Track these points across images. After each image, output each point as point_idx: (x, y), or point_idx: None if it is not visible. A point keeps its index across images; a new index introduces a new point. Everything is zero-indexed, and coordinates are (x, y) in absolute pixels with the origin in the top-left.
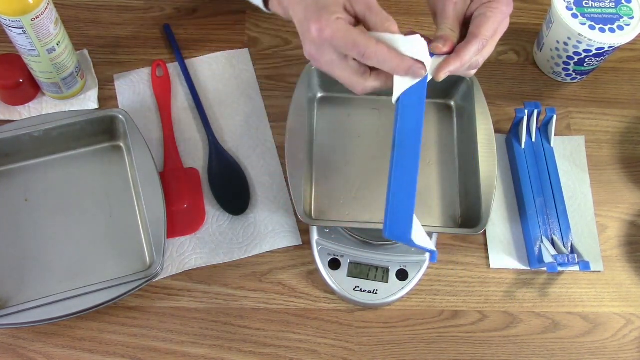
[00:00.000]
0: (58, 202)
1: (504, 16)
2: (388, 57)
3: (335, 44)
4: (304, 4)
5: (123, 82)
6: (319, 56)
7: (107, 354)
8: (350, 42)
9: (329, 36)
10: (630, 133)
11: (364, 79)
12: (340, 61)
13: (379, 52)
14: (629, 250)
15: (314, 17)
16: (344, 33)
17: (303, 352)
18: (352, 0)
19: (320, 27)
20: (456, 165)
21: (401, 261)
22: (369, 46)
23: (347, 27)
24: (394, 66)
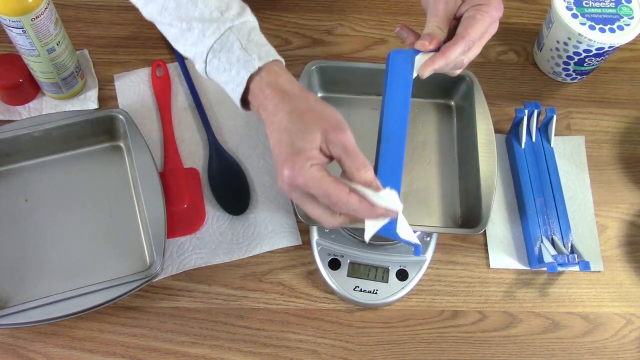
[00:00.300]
0: (58, 202)
1: (492, 20)
2: (358, 207)
3: (307, 191)
4: (278, 136)
5: (123, 82)
6: (291, 194)
7: (107, 354)
8: (322, 192)
9: (302, 184)
10: (630, 133)
11: (334, 218)
12: (312, 202)
13: (350, 203)
14: (629, 250)
15: (287, 161)
16: (317, 182)
17: (303, 352)
18: (328, 142)
19: (293, 174)
20: (456, 165)
21: (401, 261)
22: (340, 197)
23: (321, 175)
24: (364, 215)
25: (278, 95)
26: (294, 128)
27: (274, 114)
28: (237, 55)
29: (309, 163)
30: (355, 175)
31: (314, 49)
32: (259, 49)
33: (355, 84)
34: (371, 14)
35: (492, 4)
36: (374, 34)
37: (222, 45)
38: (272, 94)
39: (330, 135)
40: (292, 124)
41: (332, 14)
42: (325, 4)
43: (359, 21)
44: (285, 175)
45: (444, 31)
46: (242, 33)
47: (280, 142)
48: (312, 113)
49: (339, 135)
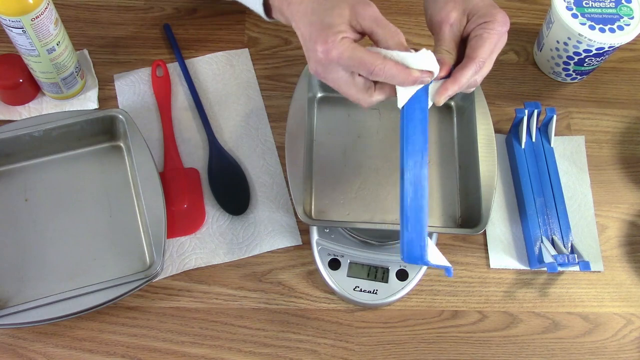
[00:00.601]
0: (58, 202)
1: (499, 36)
2: (396, 72)
3: (342, 64)
4: (307, 20)
5: (123, 82)
6: (326, 74)
7: (107, 354)
8: (358, 62)
9: (336, 57)
10: (630, 133)
11: (369, 94)
12: (347, 79)
13: (387, 68)
14: (629, 250)
15: (319, 37)
16: (351, 52)
17: (303, 352)
18: (358, 16)
19: (326, 48)
20: (456, 165)
21: (401, 261)
22: (376, 64)
23: (354, 46)
24: (401, 80)
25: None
26: (321, 8)
27: (299, 2)
28: None
29: (341, 36)
30: (390, 42)
31: None
32: None
33: None
34: None
35: (497, 20)
36: None
37: None
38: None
39: (359, 9)
40: (320, 4)
41: None
42: None
43: None
44: (319, 51)
45: (453, 54)
46: None
47: (310, 24)
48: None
49: (367, 8)
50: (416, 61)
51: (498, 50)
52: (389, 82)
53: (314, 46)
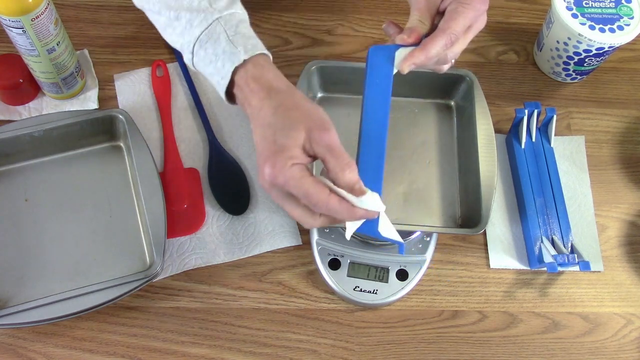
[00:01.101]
0: (58, 202)
1: (477, 12)
2: (339, 209)
3: (287, 190)
4: (262, 132)
5: (123, 82)
6: (271, 192)
7: (107, 354)
8: (302, 192)
9: (281, 183)
10: (630, 133)
11: (314, 219)
12: (291, 202)
13: (330, 204)
14: (629, 250)
15: (269, 159)
16: (297, 182)
17: (303, 352)
18: (312, 141)
19: (274, 173)
20: (456, 165)
21: (401, 261)
22: (320, 198)
23: (301, 174)
24: (345, 217)
25: (264, 89)
26: (278, 124)
27: (259, 108)
28: (223, 46)
29: (290, 162)
30: (339, 175)
31: (314, 49)
32: (246, 42)
33: (355, 84)
34: (371, 14)
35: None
36: (374, 34)
37: (208, 36)
38: (257, 88)
39: (314, 134)
40: (277, 120)
41: (332, 14)
42: (325, 4)
43: (359, 21)
44: (266, 174)
45: (426, 24)
46: (229, 25)
47: (264, 138)
48: (297, 110)
49: (323, 134)
50: (361, 202)
51: (476, 31)
52: (332, 215)
53: (262, 166)
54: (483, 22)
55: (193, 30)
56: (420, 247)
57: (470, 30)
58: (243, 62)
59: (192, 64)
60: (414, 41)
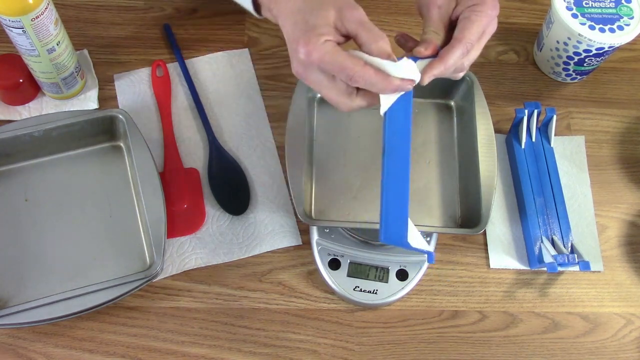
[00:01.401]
0: (58, 202)
1: (489, 19)
2: (375, 80)
3: (322, 67)
4: (292, 19)
5: (123, 82)
6: (307, 75)
7: (107, 354)
8: (338, 66)
9: (317, 59)
10: (630, 133)
11: (351, 99)
12: (328, 82)
13: (367, 75)
14: (629, 250)
15: (302, 38)
16: (332, 56)
17: (303, 352)
18: (343, 18)
19: (308, 50)
20: (456, 165)
21: (401, 261)
22: (356, 70)
23: (335, 49)
24: (381, 88)
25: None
26: (307, 8)
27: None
28: None
29: (324, 38)
30: (373, 46)
31: None
32: None
33: None
34: (371, 14)
35: (486, 2)
36: None
37: None
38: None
39: (344, 12)
40: (306, 4)
41: None
42: None
43: None
44: (301, 53)
45: (440, 35)
46: None
47: (295, 23)
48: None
49: (353, 11)
50: (397, 70)
51: (488, 36)
52: (368, 89)
53: (296, 46)
54: (494, 27)
55: None
56: None
57: (483, 36)
58: None
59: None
60: (432, 53)
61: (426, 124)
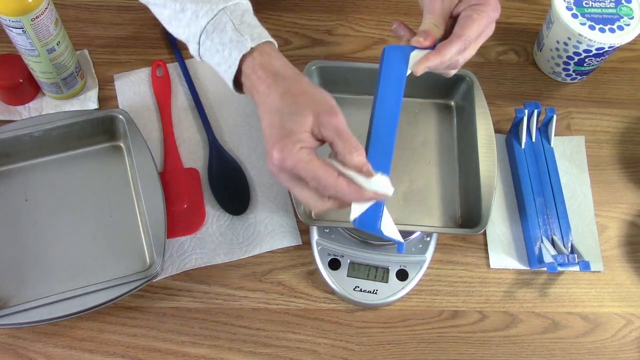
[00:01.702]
0: (58, 202)
1: (489, 20)
2: (347, 191)
3: (296, 173)
4: (269, 119)
5: (123, 82)
6: (279, 176)
7: (107, 354)
8: (311, 175)
9: (290, 166)
10: (630, 133)
11: (322, 202)
12: (300, 185)
13: (339, 187)
14: (629, 250)
15: (277, 144)
16: (305, 165)
17: (303, 352)
18: (320, 125)
19: (282, 157)
20: (456, 165)
21: (401, 261)
22: (329, 181)
23: (309, 158)
24: (353, 199)
25: (271, 76)
26: (286, 110)
27: (266, 95)
28: (229, 36)
29: (299, 146)
30: (347, 158)
31: (314, 49)
32: (252, 30)
33: (355, 84)
34: (371, 14)
35: (489, 3)
36: (374, 34)
37: (215, 26)
38: (264, 75)
39: (322, 119)
40: (284, 105)
41: (332, 14)
42: (325, 4)
43: (359, 21)
44: (275, 158)
45: (440, 29)
46: (235, 14)
47: (272, 124)
48: (304, 95)
49: (331, 118)
50: (371, 184)
51: (485, 37)
52: (340, 198)
53: (271, 150)
54: (492, 29)
55: (199, 21)
56: (420, 247)
57: (481, 36)
58: (250, 50)
59: (198, 54)
60: (430, 44)
61: (426, 124)
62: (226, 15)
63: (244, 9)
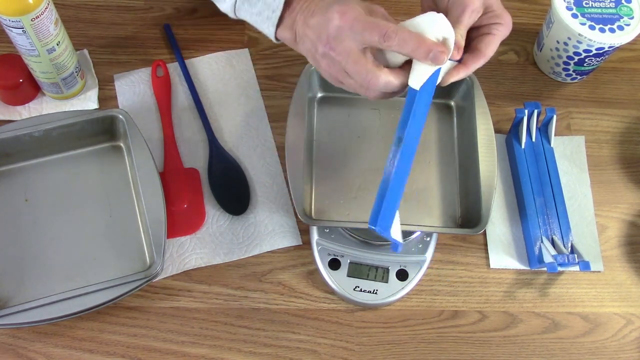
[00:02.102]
0: (58, 202)
1: (503, 38)
2: (409, 37)
3: (357, 28)
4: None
5: (123, 82)
6: (336, 45)
7: (107, 354)
8: (372, 25)
9: (352, 18)
10: (630, 133)
11: (379, 70)
12: (357, 53)
13: (400, 32)
14: (629, 250)
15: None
16: (366, 17)
17: (303, 352)
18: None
19: (344, 10)
20: (456, 165)
21: (401, 261)
22: (390, 27)
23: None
24: (415, 47)
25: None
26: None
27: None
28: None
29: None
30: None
31: None
32: None
33: None
34: None
35: (506, 23)
36: None
37: None
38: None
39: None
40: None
41: None
42: None
43: None
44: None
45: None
46: None
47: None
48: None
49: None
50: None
51: None
52: (402, 49)
53: (331, 15)
54: None
55: None
56: (420, 247)
57: None
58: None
59: (233, 9)
60: (459, 58)
61: (426, 124)
62: None
63: None
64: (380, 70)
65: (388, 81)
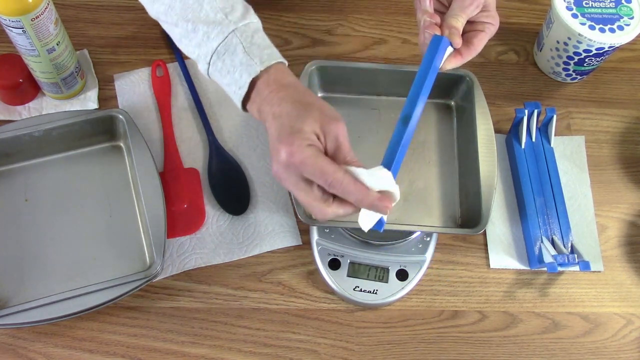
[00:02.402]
0: (58, 202)
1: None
2: (353, 188)
3: (302, 169)
4: (279, 122)
5: (123, 82)
6: (286, 177)
7: (107, 354)
8: (318, 170)
9: (298, 161)
10: (630, 133)
11: (327, 205)
12: (305, 186)
13: (345, 182)
14: (629, 250)
15: (286, 140)
16: (313, 160)
17: (303, 352)
18: (325, 133)
19: (291, 151)
20: (456, 165)
21: (401, 261)
22: (336, 176)
23: (317, 154)
24: (358, 198)
25: (283, 89)
26: (294, 113)
27: (278, 104)
28: (240, 58)
29: (307, 142)
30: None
31: (314, 49)
32: (262, 52)
33: (355, 84)
34: (371, 14)
35: (496, 24)
36: (374, 34)
37: (225, 49)
38: (278, 88)
39: (326, 126)
40: (294, 109)
41: (332, 14)
42: (325, 4)
43: (359, 21)
44: (283, 153)
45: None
46: (245, 36)
47: (281, 126)
48: (314, 105)
49: (334, 125)
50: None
51: None
52: (346, 197)
53: (279, 147)
54: None
55: (210, 43)
56: (420, 247)
57: None
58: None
59: (207, 73)
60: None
61: (426, 124)
62: (236, 37)
63: (254, 29)
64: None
65: (334, 214)
